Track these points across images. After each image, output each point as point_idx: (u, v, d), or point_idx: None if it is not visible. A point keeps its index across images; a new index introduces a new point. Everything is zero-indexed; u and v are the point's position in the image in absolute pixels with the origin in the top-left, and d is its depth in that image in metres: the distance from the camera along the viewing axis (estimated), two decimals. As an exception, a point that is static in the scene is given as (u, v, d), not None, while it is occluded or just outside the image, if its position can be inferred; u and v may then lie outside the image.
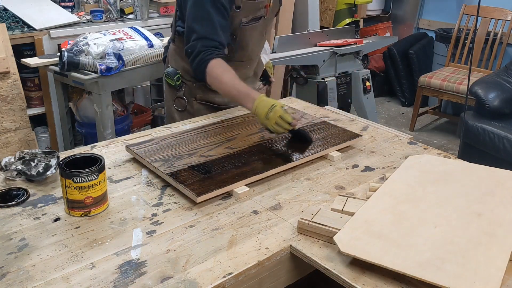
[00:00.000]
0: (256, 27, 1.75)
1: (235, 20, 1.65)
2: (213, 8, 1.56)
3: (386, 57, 4.66)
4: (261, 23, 1.75)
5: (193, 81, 1.81)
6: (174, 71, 1.80)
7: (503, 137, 2.96)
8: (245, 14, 1.66)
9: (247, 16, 1.67)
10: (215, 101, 1.85)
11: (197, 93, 1.83)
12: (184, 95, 1.82)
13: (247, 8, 1.65)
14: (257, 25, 1.74)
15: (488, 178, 1.24)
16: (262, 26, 1.78)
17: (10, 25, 2.88)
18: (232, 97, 1.56)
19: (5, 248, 1.02)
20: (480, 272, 0.91)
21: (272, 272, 1.04)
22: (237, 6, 1.62)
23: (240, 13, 1.64)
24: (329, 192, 1.28)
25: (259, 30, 1.78)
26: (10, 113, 2.15)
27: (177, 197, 1.23)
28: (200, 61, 1.57)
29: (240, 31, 1.70)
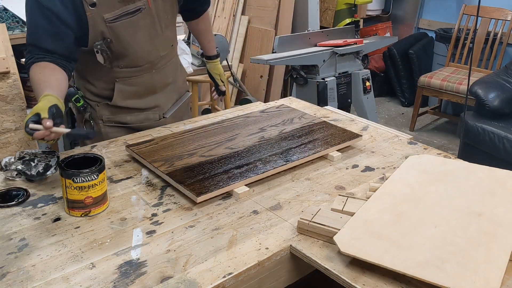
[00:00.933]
0: (135, 22, 1.49)
1: (96, 20, 1.43)
2: (40, 15, 1.38)
3: (386, 57, 4.66)
4: (142, 17, 1.50)
5: (98, 101, 1.62)
6: (74, 92, 1.60)
7: (503, 137, 2.97)
8: (105, 10, 1.43)
9: (111, 11, 1.44)
10: (127, 120, 1.65)
11: (103, 114, 1.63)
12: (91, 117, 1.63)
13: (105, 3, 1.42)
14: (135, 19, 1.49)
15: (488, 178, 1.24)
16: (146, 19, 1.52)
17: (10, 25, 2.88)
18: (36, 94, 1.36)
19: (5, 248, 1.02)
20: (480, 272, 0.91)
21: (272, 272, 1.04)
22: (90, 4, 1.40)
23: (99, 10, 1.42)
24: (329, 192, 1.28)
25: (144, 26, 1.52)
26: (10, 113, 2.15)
27: (177, 197, 1.23)
28: (27, 70, 1.40)
29: (111, 31, 1.46)
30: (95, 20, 1.43)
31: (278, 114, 1.72)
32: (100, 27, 1.45)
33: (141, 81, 1.62)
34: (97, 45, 1.48)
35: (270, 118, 1.68)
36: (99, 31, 1.45)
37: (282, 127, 1.60)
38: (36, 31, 1.40)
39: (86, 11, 1.41)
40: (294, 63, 3.20)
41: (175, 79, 1.76)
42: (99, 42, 1.47)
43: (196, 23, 1.89)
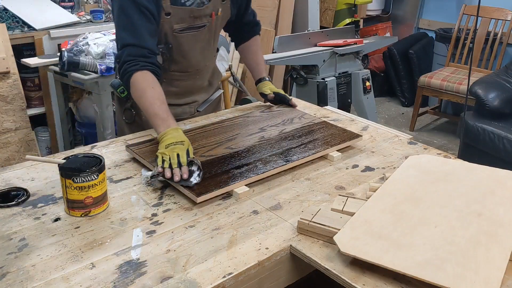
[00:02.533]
0: (197, 36, 1.62)
1: (165, 27, 1.54)
2: (138, 13, 1.45)
3: (386, 57, 4.66)
4: (203, 32, 1.63)
5: None
6: (118, 82, 1.65)
7: (503, 137, 2.96)
8: (176, 21, 1.55)
9: (180, 24, 1.56)
10: None
11: None
12: (132, 107, 1.70)
13: (178, 15, 1.54)
14: (198, 33, 1.62)
15: (488, 178, 1.24)
16: (206, 35, 1.65)
17: (10, 25, 2.88)
18: (148, 115, 1.42)
19: (5, 248, 1.02)
20: (480, 272, 0.91)
21: (272, 272, 1.04)
22: (166, 13, 1.51)
23: (170, 20, 1.53)
24: (329, 192, 1.28)
25: (203, 39, 1.66)
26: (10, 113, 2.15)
27: (177, 197, 1.23)
28: (124, 71, 1.46)
29: (174, 39, 1.58)
30: (165, 27, 1.54)
31: (278, 114, 1.72)
32: (167, 34, 1.56)
33: (183, 83, 1.72)
34: (159, 47, 1.59)
35: (270, 118, 1.68)
36: (164, 37, 1.57)
37: (282, 127, 1.60)
38: (137, 30, 1.46)
39: (161, 17, 1.52)
40: (294, 63, 3.20)
41: (211, 82, 1.86)
42: (161, 46, 1.59)
43: (245, 46, 1.88)
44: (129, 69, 1.45)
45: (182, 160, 1.26)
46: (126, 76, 1.46)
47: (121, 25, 1.49)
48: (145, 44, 1.47)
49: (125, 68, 1.46)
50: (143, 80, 1.44)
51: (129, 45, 1.46)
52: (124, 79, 1.48)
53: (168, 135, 1.33)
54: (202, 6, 1.58)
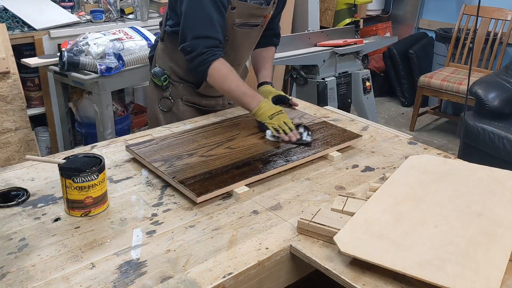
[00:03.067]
0: (250, 34, 1.75)
1: (228, 20, 1.64)
2: (212, 5, 1.54)
3: (386, 57, 4.66)
4: (255, 31, 1.75)
5: (181, 82, 1.80)
6: (161, 71, 1.78)
7: (503, 137, 2.96)
8: (238, 16, 1.65)
9: (241, 19, 1.66)
10: (202, 103, 1.84)
11: (184, 94, 1.81)
12: (170, 96, 1.80)
13: (241, 10, 1.64)
14: (252, 31, 1.74)
15: (488, 178, 1.24)
16: (257, 34, 1.78)
17: (10, 25, 2.88)
18: (236, 96, 1.58)
19: (5, 248, 1.02)
20: (480, 272, 0.91)
21: (272, 272, 1.04)
22: (232, 7, 1.62)
23: (234, 14, 1.64)
24: (329, 192, 1.28)
25: (252, 37, 1.78)
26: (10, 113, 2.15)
27: (177, 197, 1.23)
28: (202, 62, 1.56)
29: (232, 33, 1.69)
30: (227, 20, 1.63)
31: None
32: (228, 26, 1.65)
33: None
34: None
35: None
36: (224, 29, 1.64)
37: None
38: (212, 23, 1.55)
39: (227, 10, 1.61)
40: (294, 63, 3.19)
41: (241, 76, 1.92)
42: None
43: (260, 50, 1.91)
44: (208, 59, 1.55)
45: (291, 125, 1.51)
46: (205, 66, 1.56)
47: (194, 16, 1.56)
48: (218, 36, 1.57)
49: (204, 59, 1.55)
50: (223, 66, 1.57)
51: (204, 37, 1.55)
52: (201, 68, 1.57)
53: (264, 107, 1.53)
54: (260, 5, 1.68)
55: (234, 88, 1.57)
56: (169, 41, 1.77)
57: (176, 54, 1.74)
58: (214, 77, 1.58)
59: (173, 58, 1.78)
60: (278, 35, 1.95)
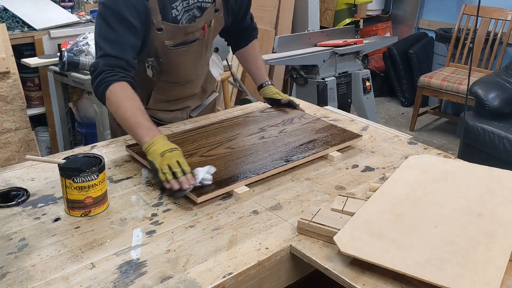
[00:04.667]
0: (189, 50, 1.59)
1: (155, 42, 1.50)
2: (120, 25, 1.39)
3: (386, 57, 4.66)
4: (195, 45, 1.60)
5: None
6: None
7: (503, 137, 2.96)
8: (169, 37, 1.51)
9: (173, 40, 1.52)
10: (157, 117, 1.71)
11: None
12: None
13: (170, 32, 1.50)
14: (190, 48, 1.59)
15: (488, 178, 1.24)
16: (198, 47, 1.62)
17: (10, 25, 2.88)
18: (129, 126, 1.34)
19: (5, 248, 1.02)
20: (480, 272, 0.91)
21: (272, 272, 1.04)
22: (158, 28, 1.47)
23: (162, 35, 1.49)
24: (329, 192, 1.28)
25: (194, 52, 1.62)
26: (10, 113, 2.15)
27: (177, 197, 1.23)
28: (101, 81, 1.38)
29: (165, 55, 1.55)
30: (155, 42, 1.51)
31: (278, 114, 1.72)
32: (157, 48, 1.53)
33: (174, 92, 1.71)
34: (149, 60, 1.58)
35: (270, 118, 1.68)
36: (154, 51, 1.54)
37: (282, 127, 1.60)
38: (120, 42, 1.41)
39: (151, 32, 1.48)
40: (294, 63, 3.20)
41: (204, 88, 1.85)
42: (151, 59, 1.57)
43: (244, 51, 1.85)
44: (107, 79, 1.37)
45: (185, 167, 1.22)
46: (103, 86, 1.37)
47: (101, 35, 1.43)
48: (125, 57, 1.41)
49: (103, 78, 1.38)
50: (122, 90, 1.37)
51: (110, 55, 1.40)
52: (99, 89, 1.38)
53: (157, 143, 1.25)
54: (194, 21, 1.55)
55: (129, 117, 1.33)
56: None
57: None
58: (110, 101, 1.37)
59: None
60: (254, 27, 1.84)
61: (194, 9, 1.55)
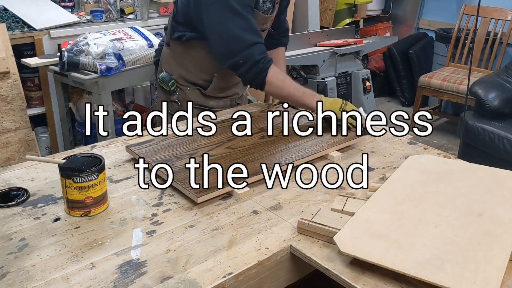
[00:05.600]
0: None
1: None
2: (250, 13, 1.55)
3: (386, 57, 4.66)
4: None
5: (188, 86, 1.81)
6: (168, 77, 1.79)
7: (503, 137, 2.96)
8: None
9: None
10: (209, 105, 1.85)
11: (191, 97, 1.82)
12: (178, 99, 1.81)
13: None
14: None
15: (488, 178, 1.24)
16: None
17: (10, 25, 2.88)
18: (297, 98, 1.60)
19: (5, 248, 1.02)
20: (480, 272, 0.91)
21: (272, 272, 1.04)
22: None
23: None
24: (329, 192, 1.28)
25: None
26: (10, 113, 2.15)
27: (177, 197, 1.23)
28: (259, 71, 1.57)
29: None
30: None
31: (278, 114, 1.72)
32: None
33: (231, 78, 1.83)
34: None
35: (270, 118, 1.67)
36: None
37: (282, 127, 1.60)
38: (255, 29, 1.57)
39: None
40: (294, 63, 3.20)
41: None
42: None
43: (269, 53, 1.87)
44: (264, 67, 1.56)
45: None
46: (263, 75, 1.57)
47: (240, 26, 1.54)
48: (263, 41, 1.59)
49: (260, 67, 1.56)
50: (278, 72, 1.59)
51: (255, 43, 1.55)
52: (259, 78, 1.58)
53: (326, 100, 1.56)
54: (268, 13, 1.71)
55: (294, 91, 1.59)
56: (177, 46, 1.76)
57: (185, 59, 1.76)
58: (273, 85, 1.59)
59: (181, 63, 1.79)
60: (286, 31, 1.94)
61: (268, 1, 1.69)
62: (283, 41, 1.93)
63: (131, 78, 2.65)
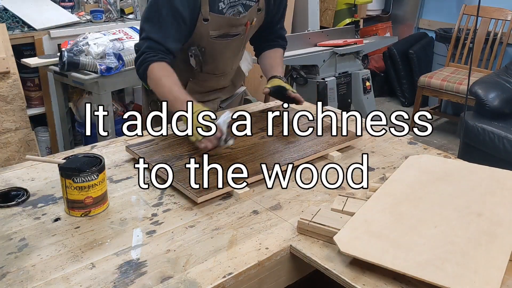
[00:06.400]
0: (230, 43, 1.68)
1: (201, 32, 1.59)
2: (170, 15, 1.50)
3: (386, 57, 4.66)
4: (236, 40, 1.69)
5: None
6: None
7: (503, 137, 2.96)
8: (214, 28, 1.60)
9: (217, 30, 1.61)
10: None
11: None
12: (158, 99, 1.77)
13: (216, 22, 1.59)
14: (231, 41, 1.68)
15: (488, 178, 1.24)
16: (238, 42, 1.71)
17: (10, 25, 2.88)
18: (169, 101, 1.48)
19: (5, 248, 1.02)
20: (480, 272, 0.91)
21: (272, 272, 1.04)
22: (204, 19, 1.56)
23: (208, 26, 1.58)
24: (329, 192, 1.28)
25: (234, 46, 1.72)
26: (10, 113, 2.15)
27: (177, 197, 1.23)
28: (142, 61, 1.53)
29: (209, 44, 1.64)
30: (201, 31, 1.59)
31: (278, 114, 1.72)
32: (202, 38, 1.61)
33: (209, 83, 1.80)
34: (192, 49, 1.65)
35: (270, 118, 1.67)
36: (198, 40, 1.62)
37: (282, 127, 1.60)
38: (166, 32, 1.52)
39: (197, 21, 1.56)
40: (294, 63, 3.20)
41: (233, 82, 1.93)
42: (193, 48, 1.65)
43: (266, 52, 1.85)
44: (148, 59, 1.51)
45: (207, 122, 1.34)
46: (144, 65, 1.52)
47: (150, 18, 1.54)
48: (166, 44, 1.52)
49: (144, 58, 1.52)
50: (160, 69, 1.51)
51: (152, 39, 1.52)
52: (141, 68, 1.53)
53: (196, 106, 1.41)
54: (239, 16, 1.63)
55: (167, 92, 1.48)
56: None
57: None
58: (150, 79, 1.52)
59: None
60: (284, 38, 1.89)
61: (239, 5, 1.62)
62: (279, 43, 1.87)
63: (131, 78, 2.65)
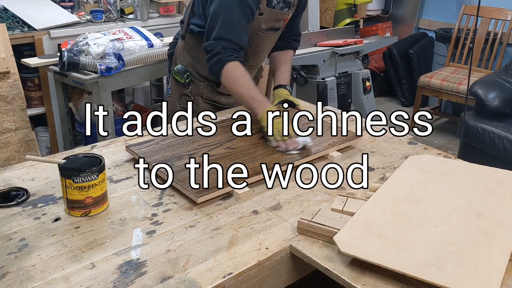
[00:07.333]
0: (271, 37, 1.79)
1: (255, 26, 1.68)
2: (240, 11, 1.57)
3: (386, 57, 4.65)
4: (276, 34, 1.80)
5: (201, 80, 1.83)
6: (184, 69, 1.82)
7: (503, 137, 2.96)
8: (265, 21, 1.70)
9: (267, 24, 1.71)
10: (221, 101, 1.87)
11: (204, 92, 1.84)
12: (191, 93, 1.84)
13: (268, 16, 1.69)
14: (273, 35, 1.79)
15: (488, 178, 1.24)
16: (275, 37, 1.82)
17: (10, 25, 2.88)
18: (245, 100, 1.58)
19: (5, 248, 1.02)
20: (480, 272, 0.91)
21: (272, 272, 1.04)
22: (260, 13, 1.65)
23: (261, 19, 1.68)
24: (329, 192, 1.28)
25: (273, 40, 1.83)
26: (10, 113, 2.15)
27: (177, 197, 1.23)
28: (217, 61, 1.59)
29: (257, 38, 1.74)
30: (254, 25, 1.67)
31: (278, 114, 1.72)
32: (254, 32, 1.70)
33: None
34: None
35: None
36: (250, 34, 1.69)
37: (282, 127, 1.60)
38: (235, 28, 1.60)
39: (255, 15, 1.65)
40: (294, 63, 3.19)
41: (256, 76, 2.02)
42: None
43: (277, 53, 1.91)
44: (223, 59, 1.58)
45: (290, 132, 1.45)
46: (219, 65, 1.58)
47: (220, 19, 1.59)
48: (239, 42, 1.60)
49: (219, 58, 1.58)
50: (236, 68, 1.58)
51: (225, 39, 1.58)
52: (216, 68, 1.59)
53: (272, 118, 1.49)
54: (283, 11, 1.72)
55: (244, 92, 1.57)
56: (191, 39, 1.80)
57: (198, 52, 1.76)
58: (226, 78, 1.60)
59: (195, 56, 1.81)
60: (298, 35, 1.96)
61: (283, 1, 1.71)
62: (293, 44, 1.94)
63: (131, 78, 2.65)
